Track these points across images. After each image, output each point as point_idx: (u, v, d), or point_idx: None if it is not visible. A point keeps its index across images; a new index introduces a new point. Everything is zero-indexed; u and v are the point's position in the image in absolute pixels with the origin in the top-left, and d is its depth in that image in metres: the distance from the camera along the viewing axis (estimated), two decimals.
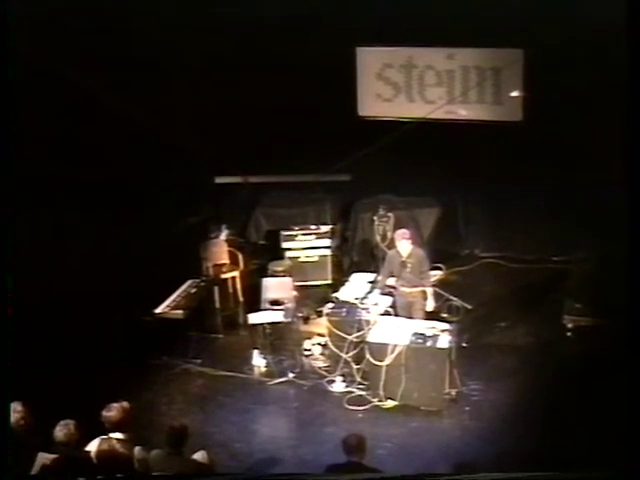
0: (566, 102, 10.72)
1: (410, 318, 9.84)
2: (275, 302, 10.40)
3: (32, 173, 9.64)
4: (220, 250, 11.82)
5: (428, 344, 9.14)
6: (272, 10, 10.74)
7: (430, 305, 10.05)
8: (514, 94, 11.71)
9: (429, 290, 10.06)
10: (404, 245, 9.93)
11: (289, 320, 10.21)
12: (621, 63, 5.55)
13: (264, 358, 10.21)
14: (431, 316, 10.09)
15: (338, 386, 9.68)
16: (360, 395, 9.46)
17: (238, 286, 11.65)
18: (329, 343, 9.89)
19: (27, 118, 9.14)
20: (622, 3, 5.57)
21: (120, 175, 11.16)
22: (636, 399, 4.92)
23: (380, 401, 9.29)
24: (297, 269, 11.79)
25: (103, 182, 11.00)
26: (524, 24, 10.23)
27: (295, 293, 10.69)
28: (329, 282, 12.06)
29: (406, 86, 12.35)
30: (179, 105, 11.48)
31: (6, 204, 6.64)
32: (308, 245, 12.16)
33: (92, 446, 6.56)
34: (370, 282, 10.67)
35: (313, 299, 11.48)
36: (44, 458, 6.27)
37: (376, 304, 10.00)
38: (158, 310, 10.38)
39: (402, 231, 10.13)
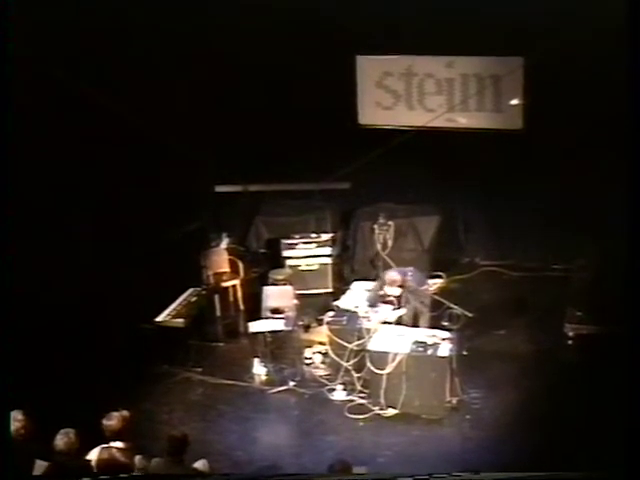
0: (566, 110, 10.74)
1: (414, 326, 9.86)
2: (276, 310, 10.39)
3: (31, 179, 9.64)
4: (221, 258, 11.83)
5: (429, 352, 9.13)
6: (272, 18, 10.77)
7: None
8: (514, 102, 11.72)
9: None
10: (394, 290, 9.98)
11: (290, 328, 10.20)
12: (622, 71, 5.55)
13: (265, 366, 10.19)
14: (432, 324, 10.10)
15: (339, 394, 9.67)
16: (361, 403, 9.44)
17: (239, 294, 11.65)
18: (330, 351, 9.88)
19: (27, 121, 9.15)
20: (622, 9, 5.57)
21: (120, 183, 11.17)
22: (637, 408, 4.91)
23: (381, 409, 9.27)
24: (298, 277, 11.76)
25: (103, 190, 11.02)
26: (524, 32, 10.25)
27: (296, 301, 10.68)
28: (330, 290, 12.03)
29: (406, 94, 12.35)
30: (179, 113, 11.49)
31: (5, 209, 6.65)
32: (309, 253, 12.13)
33: (93, 455, 6.56)
34: (367, 290, 10.69)
35: (314, 307, 11.43)
36: (42, 466, 6.28)
37: (377, 312, 9.98)
38: (159, 318, 10.37)
39: (392, 276, 10.12)
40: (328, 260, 12.17)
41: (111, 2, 10.01)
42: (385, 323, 9.77)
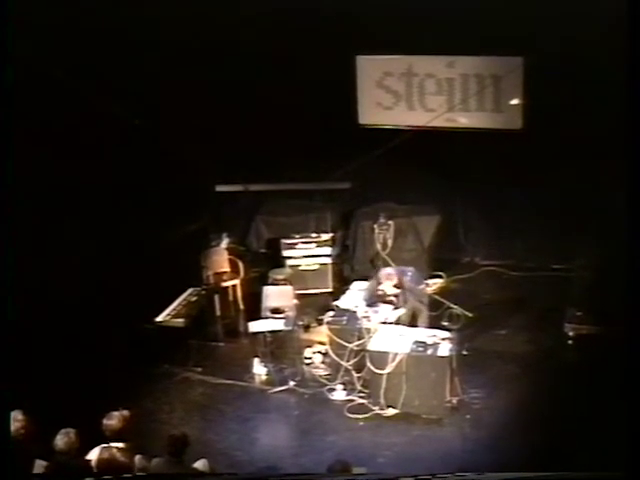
0: (566, 109, 10.73)
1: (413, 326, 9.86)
2: (276, 310, 10.39)
3: (31, 180, 9.64)
4: (221, 258, 11.82)
5: (429, 352, 9.14)
6: (272, 19, 10.76)
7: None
8: (514, 102, 11.73)
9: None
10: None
11: (290, 328, 10.20)
12: (622, 70, 5.55)
13: (265, 366, 10.20)
14: (432, 324, 10.10)
15: (339, 394, 9.67)
16: (361, 403, 9.45)
17: (239, 294, 11.64)
18: (330, 351, 9.88)
19: (27, 122, 9.15)
20: (622, 9, 5.57)
21: (121, 182, 11.17)
22: (637, 408, 4.91)
23: (381, 409, 9.28)
24: (298, 277, 11.79)
25: (104, 190, 11.02)
26: (524, 31, 10.24)
27: (296, 301, 10.68)
28: (330, 290, 12.05)
29: (406, 94, 12.35)
30: (180, 113, 11.49)
31: (5, 209, 6.64)
32: (309, 253, 12.15)
33: (93, 455, 6.56)
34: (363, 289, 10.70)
35: (314, 307, 11.45)
36: (41, 466, 6.28)
37: (376, 312, 9.99)
38: (159, 318, 10.39)
39: (387, 271, 10.22)
40: (328, 260, 12.19)
41: (111, 2, 10.00)
42: (385, 323, 9.78)
